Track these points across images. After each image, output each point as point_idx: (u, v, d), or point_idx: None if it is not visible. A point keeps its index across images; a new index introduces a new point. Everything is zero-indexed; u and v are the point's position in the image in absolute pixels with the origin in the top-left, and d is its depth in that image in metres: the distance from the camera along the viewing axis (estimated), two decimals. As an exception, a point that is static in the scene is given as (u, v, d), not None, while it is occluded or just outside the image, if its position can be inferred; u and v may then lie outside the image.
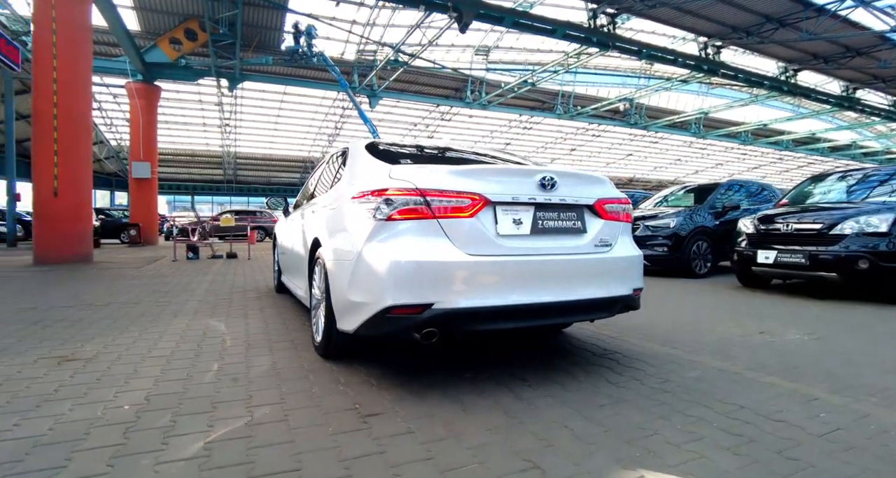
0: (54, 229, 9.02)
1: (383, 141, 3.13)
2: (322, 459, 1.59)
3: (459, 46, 20.31)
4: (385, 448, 1.66)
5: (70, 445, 1.69)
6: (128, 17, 15.93)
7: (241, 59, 18.20)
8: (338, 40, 19.53)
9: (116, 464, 1.56)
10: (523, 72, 19.43)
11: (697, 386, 2.31)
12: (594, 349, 3.01)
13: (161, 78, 18.37)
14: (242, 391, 2.23)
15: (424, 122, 28.70)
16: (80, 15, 9.55)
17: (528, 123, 27.93)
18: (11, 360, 2.73)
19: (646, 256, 6.79)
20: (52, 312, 4.12)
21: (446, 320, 2.05)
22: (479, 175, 2.24)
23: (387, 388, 2.28)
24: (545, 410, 2.01)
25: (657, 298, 5.05)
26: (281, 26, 17.76)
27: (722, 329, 3.60)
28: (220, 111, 26.94)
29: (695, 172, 41.65)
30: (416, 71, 20.56)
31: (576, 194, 2.39)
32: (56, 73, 8.96)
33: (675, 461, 1.59)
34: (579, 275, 2.33)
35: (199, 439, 1.73)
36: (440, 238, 2.09)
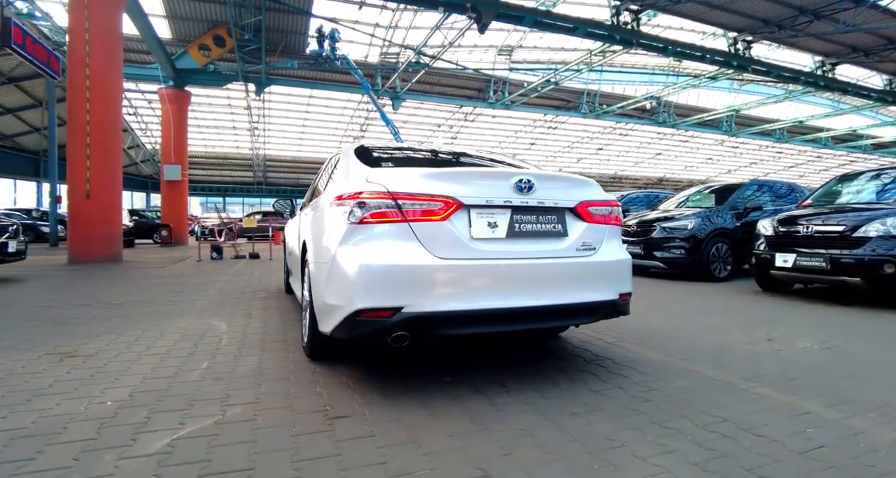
0: (87, 230, 9.44)
1: (376, 145, 3.13)
2: (277, 459, 1.60)
3: (482, 47, 20.27)
4: (342, 451, 1.67)
5: (46, 438, 1.76)
6: (160, 25, 16.56)
7: (267, 63, 18.66)
8: (361, 43, 19.78)
9: (82, 458, 1.62)
10: (546, 71, 19.20)
11: (683, 396, 2.23)
12: (585, 355, 2.94)
13: (191, 83, 19.02)
14: (222, 390, 2.28)
15: (448, 123, 28.74)
16: (111, 25, 9.97)
17: (553, 122, 27.60)
18: (19, 355, 2.87)
19: (662, 258, 6.64)
20: (70, 310, 4.32)
21: (416, 324, 2.04)
22: (453, 178, 2.21)
23: (362, 391, 2.29)
24: (515, 417, 1.98)
25: (667, 303, 4.90)
26: (305, 31, 18.11)
27: (727, 336, 3.46)
28: (249, 115, 27.67)
29: (727, 171, 40.28)
30: (438, 72, 20.62)
31: (555, 197, 2.34)
32: (88, 81, 9.39)
33: (635, 476, 1.53)
34: (559, 279, 2.28)
35: (166, 437, 1.78)
36: (411, 242, 2.08)
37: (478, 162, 3.14)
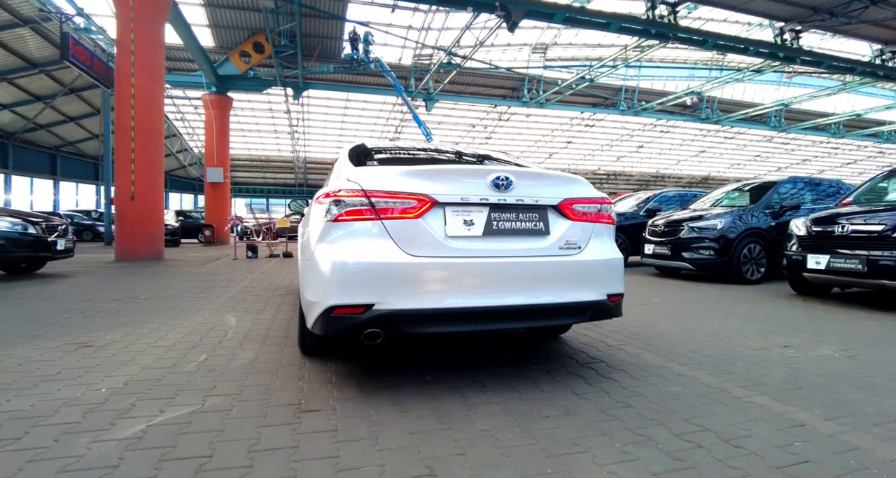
0: (131, 230, 10.02)
1: (377, 145, 3.17)
2: (235, 449, 1.65)
3: (516, 45, 20.10)
4: (299, 444, 1.70)
5: (36, 421, 1.88)
6: (203, 34, 17.40)
7: (304, 68, 19.20)
8: (394, 46, 20.03)
9: (61, 440, 1.72)
10: (581, 68, 18.81)
11: (668, 403, 2.13)
12: (581, 358, 2.86)
13: (233, 89, 19.83)
14: (210, 381, 2.37)
15: (482, 122, 28.66)
16: (154, 37, 10.53)
17: (591, 120, 26.98)
18: (42, 344, 3.09)
19: (690, 259, 6.38)
20: (100, 304, 4.60)
21: (387, 322, 2.04)
22: (428, 176, 2.20)
23: (342, 386, 2.32)
24: (484, 418, 1.95)
25: (687, 306, 4.69)
26: (340, 35, 18.54)
27: (740, 341, 3.28)
28: (289, 118, 28.55)
29: (777, 169, 38.10)
30: (471, 73, 20.59)
31: (536, 194, 2.29)
32: (133, 89, 9.97)
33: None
34: (540, 278, 2.23)
35: (142, 423, 1.87)
36: (384, 239, 2.09)
37: (469, 160, 3.10)
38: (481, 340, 3.23)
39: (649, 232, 7.28)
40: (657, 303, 4.89)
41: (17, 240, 6.35)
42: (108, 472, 1.51)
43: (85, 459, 1.59)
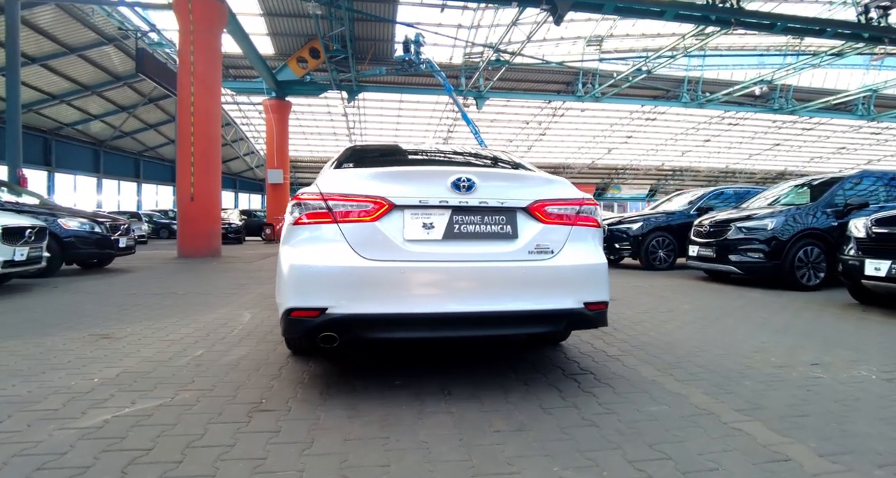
0: (191, 229, 10.79)
1: (370, 146, 3.18)
2: (174, 445, 1.70)
3: (569, 39, 19.53)
4: (235, 443, 1.73)
5: (22, 406, 2.06)
6: (264, 42, 18.36)
7: (358, 71, 19.74)
8: (445, 46, 20.11)
9: (33, 425, 1.86)
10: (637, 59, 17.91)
11: (641, 424, 1.95)
12: (570, 368, 2.70)
13: (291, 94, 20.78)
14: (192, 376, 2.48)
15: (536, 119, 28.13)
16: (211, 47, 11.25)
17: (652, 113, 25.68)
18: (70, 335, 3.38)
19: (737, 262, 5.90)
20: (140, 299, 4.98)
21: (341, 326, 2.03)
22: (385, 178, 2.16)
23: (310, 386, 2.34)
24: (429, 428, 1.88)
25: (718, 314, 4.32)
26: (392, 37, 18.89)
27: (761, 357, 2.96)
28: (346, 121, 29.49)
29: (867, 161, 34.23)
30: (523, 69, 20.26)
31: (502, 196, 2.18)
32: (193, 98, 10.71)
33: (503, 503, 1.38)
34: (506, 284, 2.13)
35: (109, 414, 1.98)
36: (339, 242, 2.07)
37: (458, 161, 3.02)
38: (474, 345, 3.15)
39: (694, 232, 6.79)
40: (686, 310, 4.54)
41: (86, 238, 7.02)
42: (54, 459, 1.61)
43: (42, 444, 1.71)
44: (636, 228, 8.22)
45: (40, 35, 14.73)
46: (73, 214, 7.35)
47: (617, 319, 4.07)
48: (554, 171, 39.80)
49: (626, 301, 5.01)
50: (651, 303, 4.93)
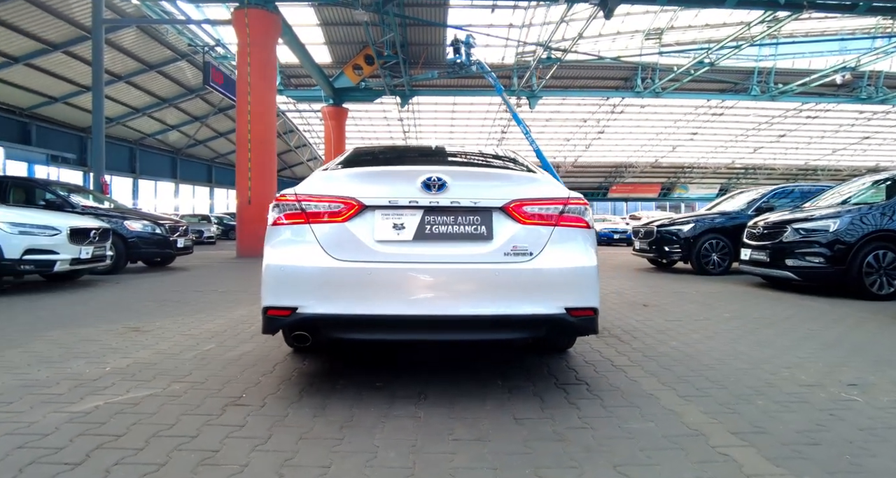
0: (249, 230, 11.45)
1: (370, 148, 3.22)
2: (142, 433, 1.79)
3: (626, 33, 18.79)
4: (197, 435, 1.79)
5: (35, 389, 2.26)
6: (322, 51, 19.16)
7: (410, 76, 20.09)
8: (496, 46, 19.99)
9: (35, 407, 2.04)
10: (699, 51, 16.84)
11: (615, 443, 1.80)
12: (565, 377, 2.56)
13: (347, 100, 21.52)
14: (189, 369, 2.61)
15: (594, 116, 27.25)
16: (267, 59, 11.89)
17: (719, 108, 24.05)
18: (106, 327, 3.68)
19: (794, 268, 5.40)
20: (182, 295, 5.34)
21: (311, 325, 2.05)
22: (357, 178, 2.16)
23: (293, 384, 2.39)
24: (387, 432, 1.85)
25: (760, 323, 3.93)
26: (443, 41, 19.05)
27: (790, 373, 2.65)
28: (402, 125, 30.09)
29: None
30: (577, 65, 19.73)
31: (476, 195, 2.10)
32: (250, 106, 11.36)
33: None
34: (479, 287, 2.05)
35: (103, 400, 2.13)
36: (310, 243, 2.10)
37: (457, 161, 2.96)
38: (472, 349, 3.08)
39: (747, 234, 6.25)
40: (725, 318, 4.18)
41: (148, 239, 7.65)
42: (36, 439, 1.75)
43: (34, 425, 1.87)
44: (687, 229, 7.71)
45: (125, 55, 16.28)
46: (140, 216, 8.03)
47: (641, 326, 3.83)
48: (615, 170, 38.39)
49: (661, 308, 4.70)
50: (688, 310, 4.59)
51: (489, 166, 2.50)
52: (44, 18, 13.27)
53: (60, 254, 5.33)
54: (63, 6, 13.09)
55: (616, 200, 41.01)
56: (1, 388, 2.29)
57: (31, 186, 7.44)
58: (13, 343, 3.16)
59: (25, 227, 5.12)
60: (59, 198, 7.28)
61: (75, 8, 13.11)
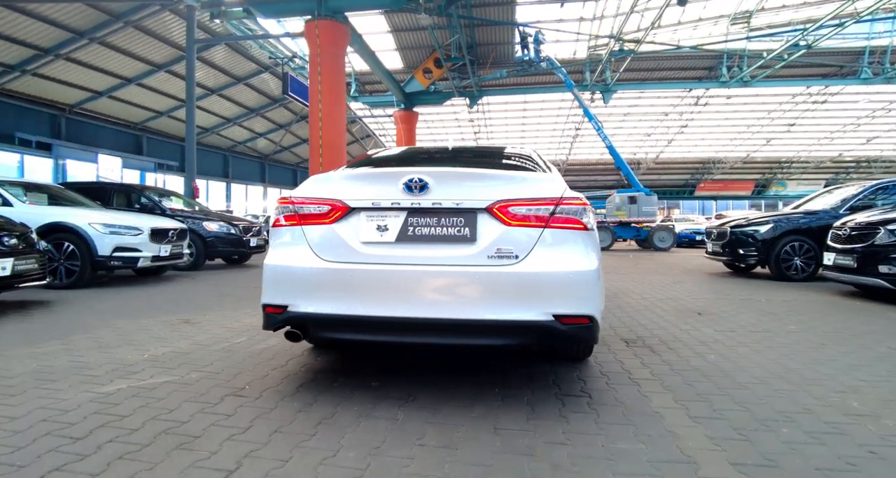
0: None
1: (380, 153, 3.27)
2: (146, 414, 1.97)
3: (709, 19, 17.37)
4: (189, 420, 1.92)
5: (80, 371, 2.56)
6: (393, 58, 19.76)
7: (479, 76, 20.10)
8: (567, 41, 19.40)
9: (73, 387, 2.31)
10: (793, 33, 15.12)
11: (589, 464, 1.65)
12: (571, 387, 2.41)
13: (418, 104, 21.96)
14: (212, 359, 2.81)
15: (676, 110, 25.49)
16: (336, 65, 12.45)
17: (821, 94, 21.43)
18: (163, 318, 4.08)
19: (887, 275, 4.74)
20: (243, 291, 5.77)
21: (299, 324, 2.13)
22: (343, 181, 2.19)
23: (296, 379, 2.48)
24: (359, 432, 1.85)
25: (828, 338, 3.43)
26: (511, 40, 18.86)
27: (839, 399, 2.29)
28: (472, 125, 30.17)
29: None
30: (655, 56, 18.60)
31: (458, 197, 2.05)
32: (321, 113, 12.00)
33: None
34: (460, 290, 2.00)
35: (128, 384, 2.36)
36: (301, 244, 2.17)
37: (468, 161, 2.91)
38: (485, 354, 3.01)
39: (832, 236, 5.51)
40: (788, 331, 3.72)
41: (224, 238, 8.37)
42: (58, 415, 1.98)
43: (62, 403, 2.12)
44: (765, 230, 6.96)
45: (216, 70, 17.93)
46: (217, 218, 8.79)
47: (684, 336, 3.53)
48: (702, 166, 35.60)
49: (717, 316, 4.29)
50: (747, 320, 4.14)
51: (484, 166, 2.43)
52: (150, 42, 14.99)
53: (143, 252, 5.98)
54: (164, 30, 14.70)
55: (704, 198, 37.99)
56: (55, 368, 2.62)
57: (129, 191, 8.44)
58: (85, 329, 3.61)
59: (115, 227, 5.82)
60: (150, 201, 8.18)
61: (174, 31, 14.66)
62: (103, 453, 1.67)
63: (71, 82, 15.47)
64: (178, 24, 14.19)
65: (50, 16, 12.54)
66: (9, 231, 4.15)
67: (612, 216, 16.88)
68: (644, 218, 16.39)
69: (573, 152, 34.59)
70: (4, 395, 2.22)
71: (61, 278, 5.63)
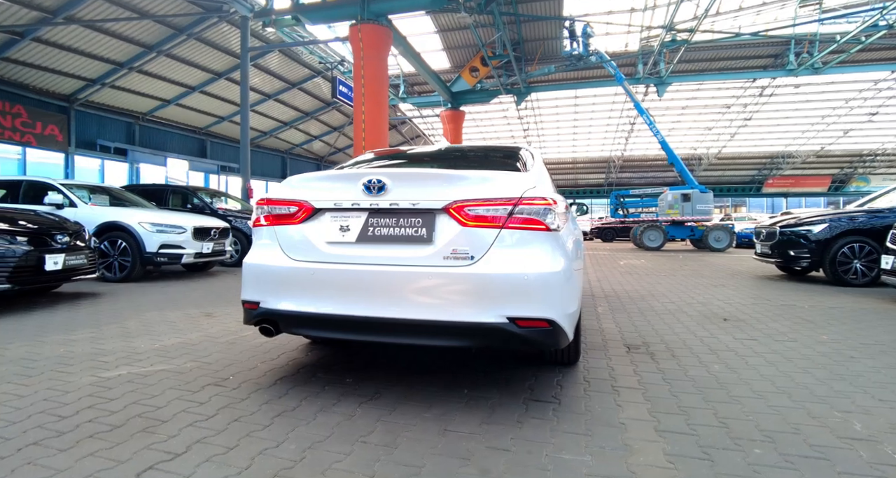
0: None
1: (379, 152, 3.35)
2: (131, 398, 2.14)
3: (774, 3, 16.10)
4: (166, 405, 2.08)
5: (96, 357, 2.81)
6: (440, 58, 19.90)
7: (526, 72, 19.82)
8: (618, 34, 18.70)
9: (83, 371, 2.54)
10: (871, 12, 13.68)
11: (519, 472, 1.63)
12: (543, 393, 2.35)
13: (464, 103, 21.99)
14: (212, 350, 2.99)
15: (739, 101, 23.86)
16: (379, 67, 12.72)
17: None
18: (191, 311, 4.37)
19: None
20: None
21: (270, 319, 2.23)
22: (308, 182, 2.26)
23: (279, 372, 2.59)
24: (310, 426, 1.92)
25: (862, 352, 3.09)
26: (559, 35, 18.45)
27: (841, 419, 2.07)
28: (521, 123, 29.76)
29: None
30: (714, 46, 17.50)
31: (415, 197, 2.05)
32: (364, 116, 12.33)
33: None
34: (416, 291, 2.01)
35: (128, 370, 2.58)
36: (273, 243, 2.27)
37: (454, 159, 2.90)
38: (472, 355, 3.00)
39: (891, 238, 4.97)
40: (818, 342, 3.39)
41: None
42: (59, 395, 2.20)
43: (67, 385, 2.35)
44: (818, 230, 6.38)
45: (272, 76, 18.86)
46: (256, 216, 9.27)
47: (696, 343, 3.32)
48: (769, 161, 33.09)
49: (744, 323, 3.99)
50: (777, 328, 3.83)
51: (462, 167, 2.42)
52: (210, 52, 16.03)
53: (186, 249, 6.43)
54: (223, 40, 15.67)
55: (773, 195, 35.23)
56: (75, 354, 2.90)
57: (183, 192, 9.08)
58: (117, 319, 3.95)
59: (161, 226, 6.30)
60: (201, 202, 8.77)
61: (232, 41, 15.58)
62: (79, 431, 1.85)
63: (143, 92, 16.86)
64: (235, 35, 15.06)
65: (124, 33, 13.72)
66: (63, 230, 4.62)
67: (665, 215, 16.07)
68: (699, 216, 15.46)
69: (628, 148, 33.27)
70: (23, 376, 2.49)
71: (115, 272, 6.17)
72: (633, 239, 16.31)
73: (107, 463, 1.62)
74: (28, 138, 14.56)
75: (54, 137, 15.27)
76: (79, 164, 16.37)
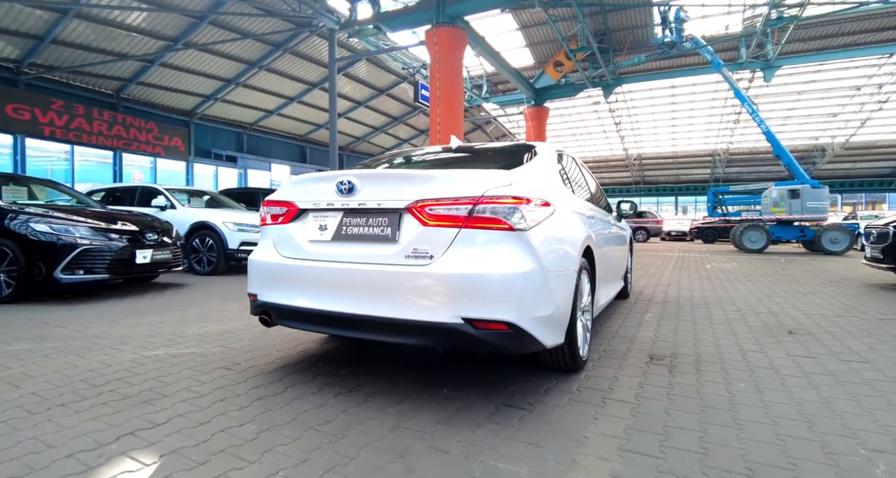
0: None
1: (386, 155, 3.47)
2: (152, 375, 2.47)
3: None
4: (176, 382, 2.37)
5: (130, 341, 3.26)
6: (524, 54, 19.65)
7: (614, 63, 18.84)
8: (716, 16, 17.02)
9: (123, 352, 2.97)
10: None
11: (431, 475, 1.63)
12: (523, 399, 2.28)
13: (548, 99, 21.45)
14: (239, 338, 3.31)
15: (871, 82, 20.47)
16: (453, 69, 12.91)
17: None
18: (231, 304, 4.71)
19: None
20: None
21: (264, 311, 2.43)
22: (296, 184, 2.41)
23: (285, 360, 2.80)
24: (278, 412, 2.06)
25: None
26: (650, 22, 17.32)
27: (862, 457, 1.74)
28: (612, 116, 28.29)
29: None
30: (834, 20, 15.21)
31: (381, 197, 2.10)
32: (439, 118, 12.61)
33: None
34: (380, 289, 2.07)
35: (164, 351, 2.96)
36: (267, 242, 2.48)
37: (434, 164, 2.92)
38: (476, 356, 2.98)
39: None
40: (891, 364, 2.88)
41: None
42: (103, 368, 2.61)
43: (112, 360, 2.76)
44: (945, 234, 5.32)
45: (361, 84, 19.99)
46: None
47: (736, 357, 2.99)
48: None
49: (811, 337, 3.47)
50: (852, 345, 3.27)
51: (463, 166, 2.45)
52: (304, 65, 17.43)
53: (262, 245, 7.08)
54: (315, 53, 16.94)
55: (924, 191, 29.74)
56: (134, 335, 3.39)
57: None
58: (184, 307, 4.51)
59: (242, 225, 7.02)
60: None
61: (323, 53, 16.77)
62: (98, 398, 2.18)
63: (249, 104, 18.80)
64: (325, 46, 16.20)
65: (230, 52, 15.43)
66: (153, 229, 5.37)
67: (769, 213, 14.30)
68: (810, 215, 13.50)
69: (735, 141, 30.13)
70: (86, 351, 2.97)
71: (203, 266, 7.00)
72: (733, 240, 14.73)
73: (101, 425, 1.91)
74: (158, 149, 17.00)
75: (178, 148, 17.65)
76: (196, 170, 18.72)
